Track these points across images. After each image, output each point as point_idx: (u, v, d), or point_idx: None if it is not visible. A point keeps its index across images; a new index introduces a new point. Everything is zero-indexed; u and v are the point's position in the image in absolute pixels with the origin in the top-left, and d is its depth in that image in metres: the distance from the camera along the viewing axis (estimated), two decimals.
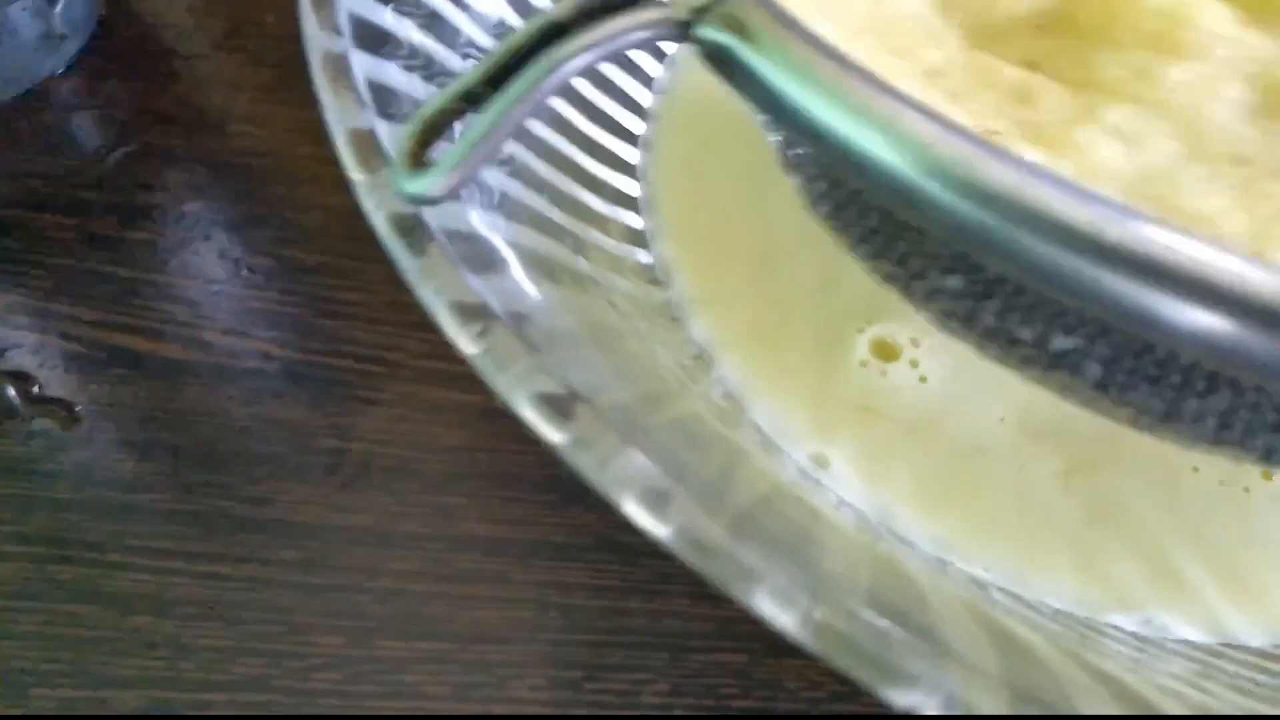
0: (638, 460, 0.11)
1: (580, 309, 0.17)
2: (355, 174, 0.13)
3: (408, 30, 0.16)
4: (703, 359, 0.20)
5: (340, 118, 0.13)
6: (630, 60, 0.24)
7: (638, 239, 0.22)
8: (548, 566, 0.23)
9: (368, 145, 0.13)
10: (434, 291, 0.12)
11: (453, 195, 0.12)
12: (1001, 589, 0.18)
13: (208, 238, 0.28)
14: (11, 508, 0.24)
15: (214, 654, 0.22)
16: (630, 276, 0.20)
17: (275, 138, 0.30)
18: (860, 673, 0.10)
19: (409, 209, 0.13)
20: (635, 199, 0.22)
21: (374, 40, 0.15)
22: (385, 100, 0.14)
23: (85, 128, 0.30)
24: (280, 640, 0.22)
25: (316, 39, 0.14)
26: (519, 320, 0.13)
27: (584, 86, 0.22)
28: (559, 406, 0.12)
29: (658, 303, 0.20)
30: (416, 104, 0.15)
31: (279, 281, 0.27)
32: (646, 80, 0.24)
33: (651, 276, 0.21)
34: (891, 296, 0.20)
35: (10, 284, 0.27)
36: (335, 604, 0.23)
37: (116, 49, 0.32)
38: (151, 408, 0.25)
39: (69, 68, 0.31)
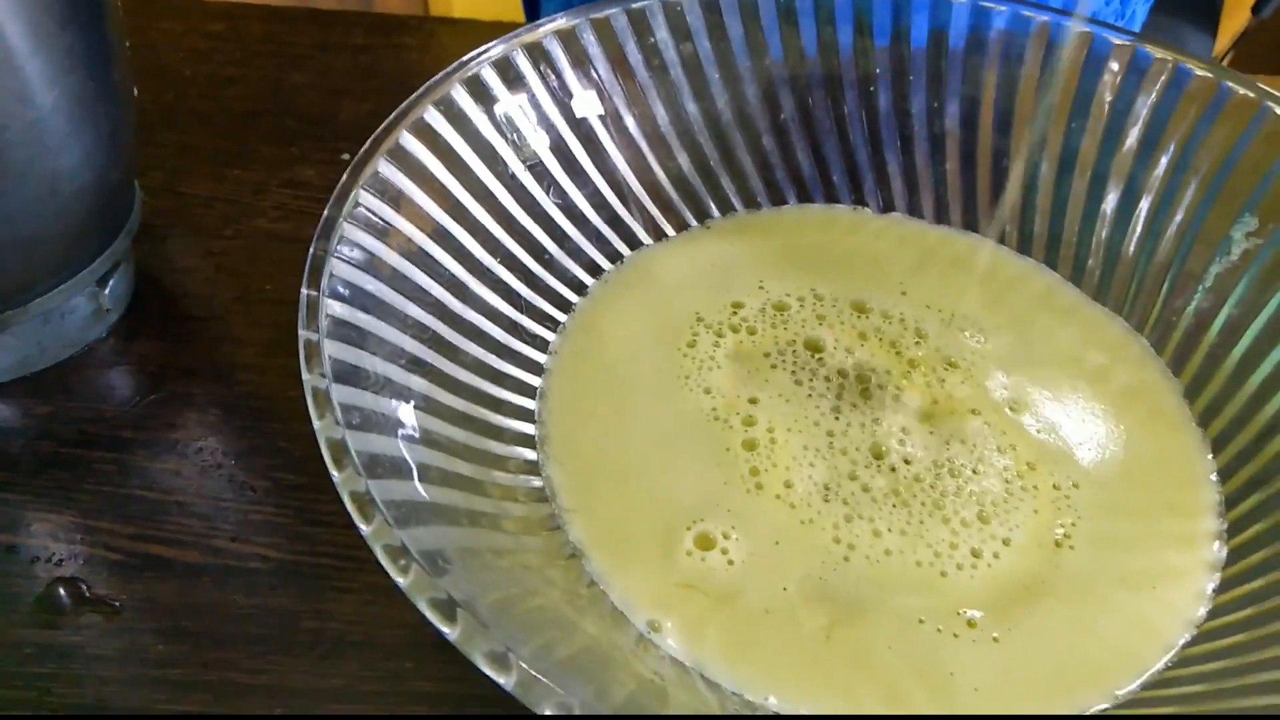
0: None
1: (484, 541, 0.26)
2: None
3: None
4: (576, 556, 0.28)
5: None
6: (528, 332, 0.33)
7: (532, 468, 0.30)
8: (481, 715, 0.31)
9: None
10: (380, 546, 0.21)
11: None
12: (780, 715, 0.26)
13: (219, 466, 0.36)
14: (64, 683, 0.31)
15: None
16: (523, 500, 0.29)
17: (271, 384, 0.39)
18: None
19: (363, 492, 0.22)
20: (533, 437, 0.31)
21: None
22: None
23: (123, 380, 0.39)
24: None
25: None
26: (432, 560, 0.22)
27: (490, 358, 0.31)
28: (444, 610, 0.20)
29: (544, 516, 0.29)
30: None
31: (273, 498, 0.35)
32: (543, 345, 0.33)
33: (541, 496, 0.30)
34: (712, 497, 0.29)
35: (66, 507, 0.35)
36: None
37: (146, 316, 0.41)
38: (176, 602, 0.33)
39: (110, 332, 0.40)
